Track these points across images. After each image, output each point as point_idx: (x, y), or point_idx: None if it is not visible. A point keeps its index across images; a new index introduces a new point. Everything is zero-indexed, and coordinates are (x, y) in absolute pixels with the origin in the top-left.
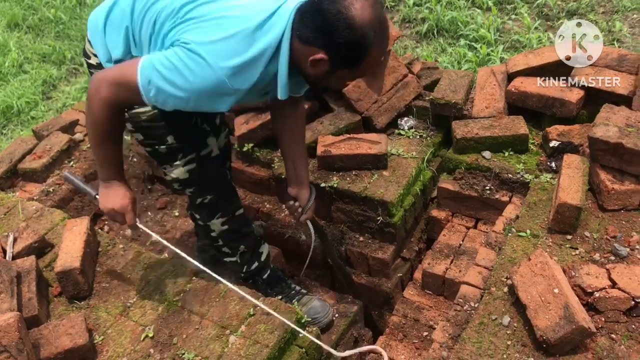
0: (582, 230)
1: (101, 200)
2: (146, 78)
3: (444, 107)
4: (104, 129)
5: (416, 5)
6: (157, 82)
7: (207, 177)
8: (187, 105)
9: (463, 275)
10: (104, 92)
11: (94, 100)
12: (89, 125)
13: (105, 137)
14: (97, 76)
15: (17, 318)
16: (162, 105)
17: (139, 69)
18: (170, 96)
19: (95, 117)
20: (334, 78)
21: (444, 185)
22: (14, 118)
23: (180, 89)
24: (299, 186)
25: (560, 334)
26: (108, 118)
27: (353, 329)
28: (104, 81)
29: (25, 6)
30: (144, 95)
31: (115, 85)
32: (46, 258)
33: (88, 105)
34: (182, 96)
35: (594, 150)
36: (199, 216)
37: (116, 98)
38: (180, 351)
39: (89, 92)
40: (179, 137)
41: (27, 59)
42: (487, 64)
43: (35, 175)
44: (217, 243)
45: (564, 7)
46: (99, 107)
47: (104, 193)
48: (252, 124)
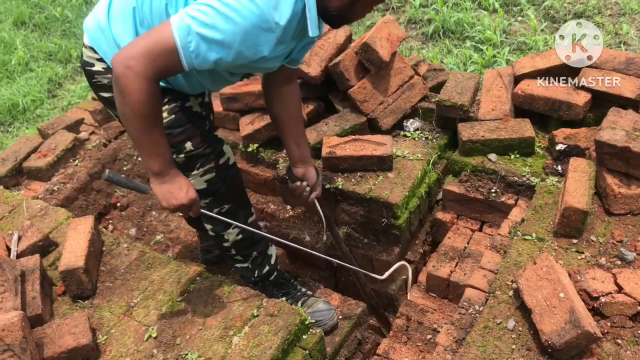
0: (588, 235)
1: (163, 197)
2: (184, 31)
3: (450, 109)
4: (148, 110)
5: (422, 7)
6: (196, 30)
7: (227, 186)
8: (230, 52)
9: (468, 278)
10: (139, 67)
11: (128, 80)
12: (128, 112)
13: (151, 119)
14: (122, 55)
15: (20, 317)
16: (201, 63)
17: (173, 26)
18: (212, 43)
19: (135, 98)
20: (359, 4)
21: (450, 188)
22: (20, 116)
23: (223, 32)
24: (305, 165)
25: (566, 338)
26: (150, 96)
27: (357, 331)
28: (134, 56)
29: (31, 4)
30: (183, 54)
31: (150, 55)
32: (50, 257)
33: (120, 90)
34: (226, 40)
35: (601, 154)
36: (212, 226)
37: (154, 69)
38: (184, 352)
39: (116, 75)
40: (197, 142)
41: (33, 57)
42: (493, 66)
43: (40, 174)
44: (229, 252)
45: (570, 9)
46: (137, 85)
47: (164, 189)
48: (257, 124)
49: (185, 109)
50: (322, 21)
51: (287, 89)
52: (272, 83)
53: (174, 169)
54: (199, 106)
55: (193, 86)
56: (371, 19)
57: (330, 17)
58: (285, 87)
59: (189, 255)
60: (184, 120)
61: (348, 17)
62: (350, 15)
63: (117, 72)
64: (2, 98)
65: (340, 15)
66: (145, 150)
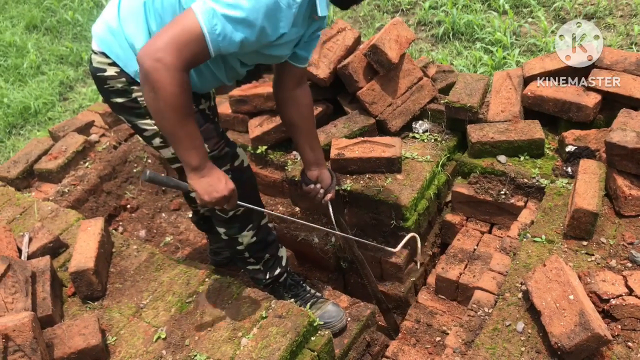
0: (598, 237)
1: (204, 191)
2: (209, 15)
3: (459, 110)
4: (182, 101)
5: (432, 8)
6: (221, 12)
7: (242, 188)
8: (254, 30)
9: (477, 280)
10: (168, 59)
11: (159, 74)
12: (162, 107)
13: (185, 111)
14: (148, 49)
15: (31, 317)
16: (228, 45)
17: (197, 12)
18: (238, 23)
19: (168, 91)
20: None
21: (459, 190)
22: (32, 119)
23: (246, 9)
24: (319, 168)
25: (576, 341)
26: (183, 87)
27: (366, 333)
28: (162, 48)
29: (43, 8)
30: (210, 38)
31: (177, 45)
32: (60, 258)
33: (152, 85)
34: (250, 17)
35: (611, 156)
36: (226, 229)
37: (183, 59)
38: (192, 353)
39: (146, 70)
40: (213, 145)
41: (44, 61)
42: (503, 68)
43: (51, 176)
44: (243, 255)
45: (581, 10)
46: (168, 77)
47: (203, 183)
48: (265, 126)
49: (200, 111)
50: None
51: (299, 92)
52: (283, 87)
53: (210, 162)
54: (208, 109)
55: (204, 82)
56: (380, 21)
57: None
58: (296, 91)
59: (198, 256)
60: (201, 121)
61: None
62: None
63: (146, 67)
64: (14, 101)
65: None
66: (183, 145)
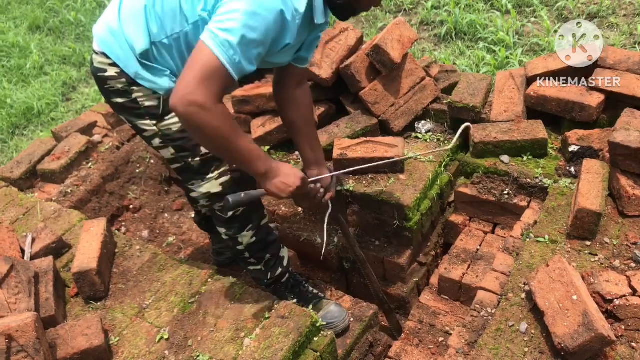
0: (601, 237)
1: (280, 190)
2: (225, 48)
3: (462, 110)
4: (228, 130)
5: (435, 8)
6: (236, 42)
7: (241, 188)
8: (266, 46)
9: (480, 280)
10: (201, 99)
11: (198, 115)
12: (212, 142)
13: (235, 134)
14: (178, 95)
15: (34, 318)
16: (247, 66)
17: (212, 47)
18: (252, 47)
19: (213, 127)
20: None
21: (462, 190)
22: (35, 119)
23: (256, 30)
24: (319, 167)
25: (579, 341)
26: (222, 117)
27: (368, 334)
28: (190, 92)
29: (46, 9)
30: (230, 66)
31: (204, 83)
32: (63, 259)
33: (197, 128)
34: (261, 36)
35: (615, 156)
36: (226, 230)
37: (214, 94)
38: (195, 353)
39: (182, 117)
40: None
41: (47, 61)
42: (506, 67)
43: (54, 176)
44: (243, 255)
45: (584, 9)
46: (208, 116)
47: (276, 183)
48: (268, 126)
49: None
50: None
51: (299, 92)
52: (283, 87)
53: (272, 160)
54: None
55: None
56: (383, 21)
57: (337, 7)
58: (296, 91)
59: (201, 257)
60: None
61: (354, 6)
62: (357, 5)
63: (183, 114)
64: (17, 101)
65: (347, 4)
66: (245, 162)
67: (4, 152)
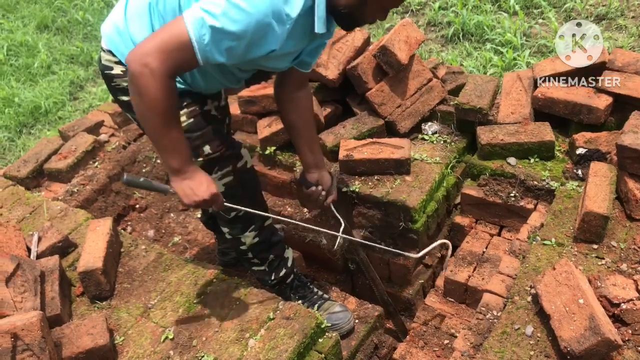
0: (608, 240)
1: (184, 194)
2: (198, 25)
3: (469, 112)
4: (165, 107)
5: (442, 9)
6: (210, 23)
7: (244, 189)
8: (241, 43)
9: (486, 283)
10: (155, 64)
11: (144, 78)
12: (145, 111)
13: (169, 117)
14: (136, 52)
15: (40, 317)
16: (215, 56)
17: (187, 21)
18: (226, 35)
19: (153, 96)
20: (369, 7)
21: (468, 192)
22: (42, 118)
23: (236, 22)
24: (319, 170)
25: (585, 345)
26: (167, 93)
27: (373, 335)
28: (148, 54)
29: (54, 8)
30: (198, 47)
31: (165, 51)
32: (69, 258)
33: (137, 89)
34: (239, 31)
35: (622, 158)
36: (229, 229)
37: (169, 65)
38: (200, 353)
39: (132, 74)
40: (215, 146)
41: (55, 60)
42: (513, 69)
43: (61, 175)
44: (246, 255)
45: (592, 11)
46: (153, 83)
47: (184, 185)
48: (274, 127)
49: (204, 113)
50: (334, 21)
51: (300, 95)
52: (284, 88)
53: (193, 165)
54: (215, 110)
55: (209, 83)
56: (390, 22)
57: (340, 17)
58: (297, 93)
59: (206, 257)
60: (203, 123)
61: (357, 17)
62: (360, 16)
63: (132, 71)
64: (24, 100)
65: (350, 15)
66: (164, 148)
67: (11, 150)
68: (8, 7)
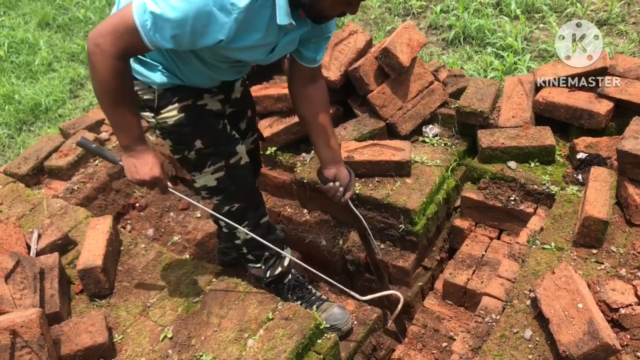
0: (608, 245)
1: (128, 170)
2: (140, 10)
3: (470, 115)
4: (114, 86)
5: (443, 12)
6: (150, 9)
7: (236, 185)
8: (185, 31)
9: (485, 286)
10: (105, 45)
11: (96, 57)
12: (97, 88)
13: (117, 97)
14: (93, 33)
15: (39, 314)
16: (161, 41)
17: (133, 6)
18: (166, 22)
19: (102, 75)
20: None
21: (468, 195)
22: (42, 115)
23: (175, 9)
24: (336, 165)
25: (584, 350)
26: (115, 74)
27: (372, 337)
28: (101, 35)
29: (56, 6)
30: (143, 32)
31: (115, 34)
32: (69, 255)
33: (91, 67)
34: (178, 17)
35: (623, 164)
36: (224, 223)
37: (119, 48)
38: (198, 353)
39: (88, 52)
40: (207, 141)
41: (56, 58)
42: (514, 73)
43: (61, 173)
44: (241, 250)
45: (593, 16)
46: (103, 63)
47: (129, 162)
48: (275, 127)
49: (197, 107)
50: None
51: (312, 89)
52: (295, 84)
53: (143, 145)
54: (218, 103)
55: (197, 77)
56: (391, 24)
57: (304, 8)
58: (309, 87)
59: (206, 256)
60: (193, 118)
61: (318, 9)
62: (322, 8)
63: (88, 49)
64: (25, 97)
65: (312, 6)
66: (114, 124)
67: (10, 147)
68: (9, 4)
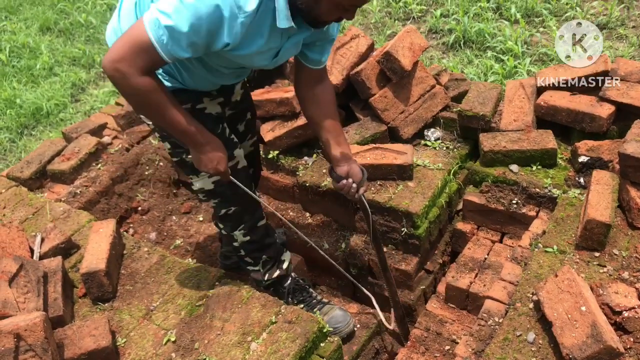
0: (610, 248)
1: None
2: (154, 26)
3: (472, 119)
4: (151, 100)
5: (443, 17)
6: (165, 23)
7: (233, 189)
8: (200, 37)
9: (487, 289)
10: (125, 69)
11: (122, 82)
12: (139, 106)
13: (161, 104)
14: (108, 59)
15: (42, 318)
16: (179, 51)
17: (145, 23)
18: (181, 33)
19: (134, 97)
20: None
21: (470, 198)
22: (44, 120)
23: (187, 18)
24: (348, 162)
25: (587, 353)
26: (146, 90)
27: (374, 341)
28: (117, 60)
29: (57, 10)
30: (159, 47)
31: (131, 56)
32: (72, 259)
33: (121, 92)
34: (192, 25)
35: (625, 167)
36: (222, 226)
37: (138, 67)
38: (202, 356)
39: (110, 78)
40: None
41: (57, 62)
42: (514, 77)
43: (64, 177)
44: (240, 253)
45: (593, 20)
46: (129, 86)
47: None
48: (277, 131)
49: (196, 111)
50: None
51: (319, 90)
52: (302, 85)
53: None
54: (218, 106)
55: (198, 81)
56: (391, 28)
57: (301, 12)
58: (316, 88)
59: (208, 260)
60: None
61: (315, 14)
62: (318, 13)
63: (109, 77)
64: (26, 102)
65: (308, 11)
66: (174, 130)
67: (12, 151)
68: (11, 8)
